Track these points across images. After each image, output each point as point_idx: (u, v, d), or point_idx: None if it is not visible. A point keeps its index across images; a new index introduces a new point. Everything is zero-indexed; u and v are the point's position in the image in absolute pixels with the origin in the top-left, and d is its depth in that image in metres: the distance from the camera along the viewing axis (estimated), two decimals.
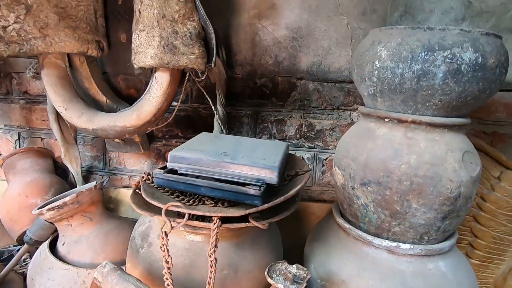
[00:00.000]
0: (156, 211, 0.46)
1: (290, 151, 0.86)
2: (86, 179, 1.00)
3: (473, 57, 0.42)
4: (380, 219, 0.51)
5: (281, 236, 0.67)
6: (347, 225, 0.56)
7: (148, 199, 0.46)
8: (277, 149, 0.57)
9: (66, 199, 0.68)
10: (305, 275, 0.49)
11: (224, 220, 0.45)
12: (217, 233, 0.42)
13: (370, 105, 0.55)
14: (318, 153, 0.86)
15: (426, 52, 0.43)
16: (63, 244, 0.71)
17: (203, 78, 0.74)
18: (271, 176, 0.47)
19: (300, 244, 0.83)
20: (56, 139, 1.01)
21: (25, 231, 0.82)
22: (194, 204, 0.54)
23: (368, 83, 0.51)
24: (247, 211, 0.43)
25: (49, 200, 0.76)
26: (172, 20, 0.64)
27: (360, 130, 0.55)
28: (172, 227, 0.42)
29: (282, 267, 0.51)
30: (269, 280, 0.46)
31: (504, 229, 0.70)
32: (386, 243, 0.51)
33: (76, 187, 0.95)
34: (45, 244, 0.73)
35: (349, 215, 0.57)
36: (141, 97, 0.79)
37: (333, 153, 0.85)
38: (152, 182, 0.56)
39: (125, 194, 0.97)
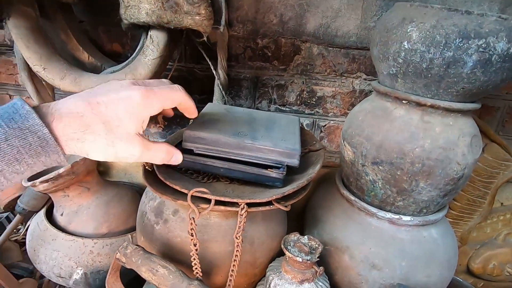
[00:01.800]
0: (178, 195, 0.45)
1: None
2: None
3: (505, 48, 0.41)
4: (386, 195, 0.55)
5: None
6: (352, 197, 0.60)
7: (171, 184, 0.45)
8: (293, 126, 0.56)
9: (61, 170, 0.64)
10: (317, 245, 0.53)
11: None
12: (244, 217, 0.43)
13: (387, 83, 0.54)
14: (317, 119, 0.86)
15: (461, 39, 0.42)
16: (61, 215, 0.69)
17: (204, 38, 0.67)
18: (293, 160, 0.47)
19: (296, 206, 0.88)
20: (28, 96, 0.91)
21: (14, 200, 0.78)
22: (209, 181, 0.54)
23: (391, 63, 0.50)
24: (274, 197, 0.43)
25: None
26: None
27: (375, 109, 0.55)
28: (200, 213, 0.42)
29: (294, 239, 0.54)
30: (286, 253, 0.50)
31: (478, 193, 0.79)
32: (389, 215, 0.56)
33: None
34: (42, 215, 0.70)
35: (354, 187, 0.61)
36: (132, 57, 0.70)
37: (332, 120, 0.86)
38: None
39: None
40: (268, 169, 0.46)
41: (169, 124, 0.91)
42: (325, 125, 0.87)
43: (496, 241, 0.87)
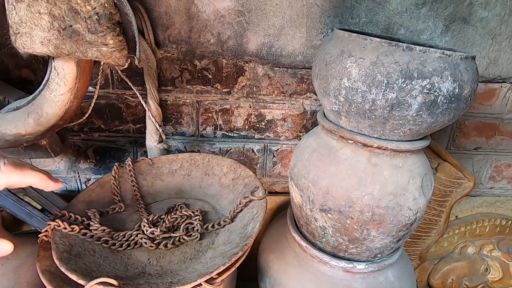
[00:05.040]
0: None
1: (239, 144, 0.78)
2: None
3: (450, 88, 0.37)
4: (338, 242, 0.49)
5: None
6: (304, 243, 0.54)
7: (64, 270, 0.35)
8: None
9: None
10: None
11: None
12: None
13: (332, 119, 0.48)
14: (268, 144, 0.80)
15: (403, 79, 0.36)
16: None
17: (125, 66, 0.57)
18: None
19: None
20: None
21: None
22: (129, 248, 0.45)
23: (333, 100, 0.44)
24: (214, 273, 0.35)
25: None
26: None
27: (320, 147, 0.49)
28: None
29: None
30: None
31: (434, 212, 0.77)
32: (343, 263, 0.50)
33: None
34: None
35: (305, 231, 0.55)
36: (39, 90, 0.58)
37: (285, 144, 0.80)
38: (70, 226, 0.43)
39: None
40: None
41: (101, 159, 0.79)
42: (278, 149, 0.80)
43: (453, 254, 0.87)
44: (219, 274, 0.38)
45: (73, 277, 0.34)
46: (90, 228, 0.44)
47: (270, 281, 0.57)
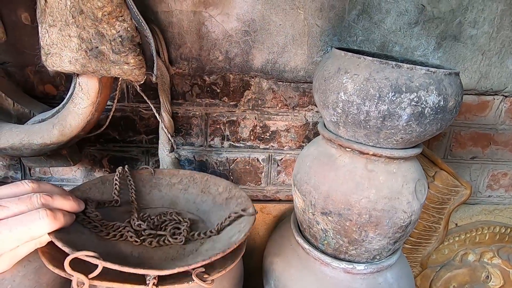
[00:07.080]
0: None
1: (245, 153, 0.82)
2: None
3: (436, 101, 0.41)
4: (339, 244, 0.53)
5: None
6: (307, 246, 0.57)
7: (55, 241, 0.37)
8: None
9: None
10: None
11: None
12: None
13: (331, 129, 0.53)
14: (273, 154, 0.84)
15: (393, 93, 0.41)
16: None
17: (142, 82, 0.62)
18: None
19: (260, 244, 0.84)
20: None
21: None
22: (115, 239, 0.48)
23: (331, 111, 0.48)
24: (191, 266, 0.38)
25: None
26: (94, 19, 0.49)
27: (321, 155, 0.53)
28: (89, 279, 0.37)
29: None
30: None
31: (433, 219, 0.80)
32: (343, 265, 0.53)
33: None
34: None
35: (308, 234, 0.58)
36: (63, 103, 0.64)
37: (288, 153, 0.84)
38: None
39: None
40: None
41: (116, 168, 0.84)
42: (281, 159, 0.84)
43: (454, 262, 0.88)
44: (199, 275, 0.40)
45: (59, 243, 0.37)
46: (85, 211, 0.47)
47: (274, 283, 0.60)
